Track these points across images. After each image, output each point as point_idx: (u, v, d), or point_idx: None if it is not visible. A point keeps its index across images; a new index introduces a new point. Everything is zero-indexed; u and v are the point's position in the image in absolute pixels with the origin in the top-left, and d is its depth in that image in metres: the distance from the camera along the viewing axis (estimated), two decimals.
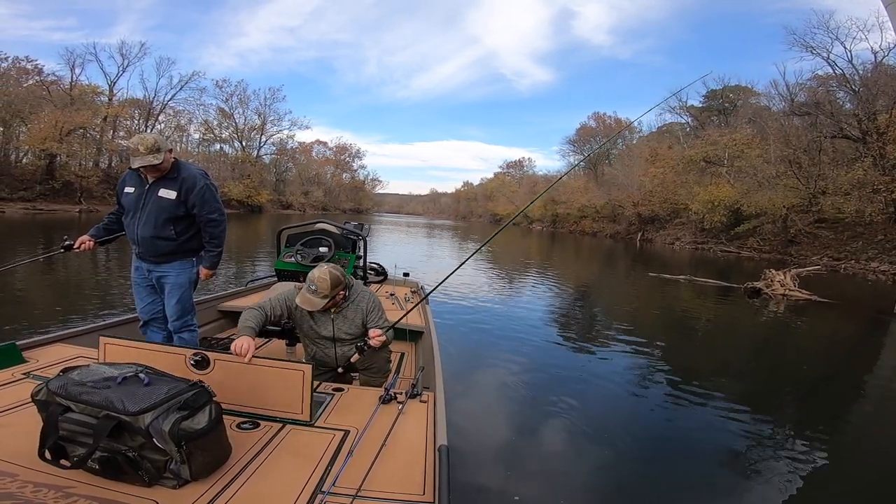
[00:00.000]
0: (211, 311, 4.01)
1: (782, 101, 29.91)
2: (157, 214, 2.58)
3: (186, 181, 2.58)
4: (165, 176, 2.58)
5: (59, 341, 2.51)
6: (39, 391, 1.42)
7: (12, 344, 2.17)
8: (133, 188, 2.63)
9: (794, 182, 25.17)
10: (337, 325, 2.44)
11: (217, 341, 3.55)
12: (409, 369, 3.39)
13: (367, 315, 2.47)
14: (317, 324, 2.46)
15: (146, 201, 2.59)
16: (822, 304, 10.01)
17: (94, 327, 2.82)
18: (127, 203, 2.67)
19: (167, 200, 2.57)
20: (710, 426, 3.85)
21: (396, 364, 3.45)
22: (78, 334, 2.66)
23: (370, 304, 2.49)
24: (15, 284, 7.62)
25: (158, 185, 2.58)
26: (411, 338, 3.70)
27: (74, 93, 37.97)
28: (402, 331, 3.71)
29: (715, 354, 6.52)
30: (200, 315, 3.82)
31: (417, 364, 3.35)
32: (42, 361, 2.19)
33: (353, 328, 2.46)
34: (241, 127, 52.65)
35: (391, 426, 1.77)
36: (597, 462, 3.19)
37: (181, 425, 1.36)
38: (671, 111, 42.34)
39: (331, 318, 2.44)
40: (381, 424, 1.79)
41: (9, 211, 26.42)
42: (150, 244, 2.63)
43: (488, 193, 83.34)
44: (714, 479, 3.07)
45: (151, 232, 2.60)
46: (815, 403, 4.70)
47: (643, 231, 37.13)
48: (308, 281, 2.32)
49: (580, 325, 7.96)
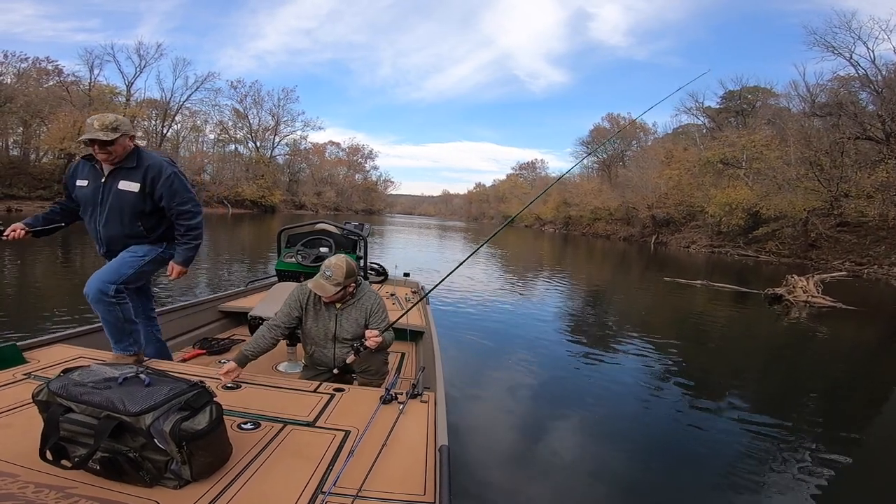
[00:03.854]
0: (212, 311, 4.02)
1: (802, 103, 29.38)
2: (121, 211, 2.31)
3: (150, 170, 2.30)
4: (123, 165, 2.29)
5: (59, 342, 2.51)
6: (40, 392, 1.41)
7: (13, 345, 2.17)
8: (86, 181, 2.35)
9: (814, 184, 24.61)
10: (340, 322, 2.44)
11: (217, 342, 3.55)
12: (410, 369, 3.39)
13: (370, 316, 2.47)
14: (319, 321, 2.46)
15: (104, 196, 2.31)
16: (846, 310, 9.69)
17: (94, 328, 2.82)
18: (82, 198, 2.38)
19: (129, 194, 2.29)
20: (725, 433, 3.74)
21: (397, 364, 3.47)
22: (79, 335, 2.67)
23: (374, 306, 2.49)
24: (24, 285, 7.73)
25: (117, 178, 2.29)
26: (412, 338, 3.72)
27: (93, 93, 38.89)
28: (402, 331, 3.71)
29: (733, 362, 6.32)
30: (201, 315, 3.84)
31: (418, 364, 3.35)
32: (43, 362, 2.19)
33: (355, 328, 2.45)
34: (256, 128, 53.45)
35: (392, 426, 1.78)
36: (600, 464, 3.15)
37: (182, 426, 1.35)
38: (687, 112, 41.90)
39: (335, 315, 2.45)
40: (382, 424, 1.79)
41: (27, 209, 27.04)
42: (118, 243, 2.39)
43: (500, 195, 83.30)
44: (727, 486, 2.97)
45: (118, 230, 2.35)
46: (838, 412, 4.54)
47: (658, 234, 36.62)
48: (324, 267, 2.36)
49: (588, 327, 7.84)
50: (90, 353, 2.37)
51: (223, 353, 3.40)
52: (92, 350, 2.45)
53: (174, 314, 3.56)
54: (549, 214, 57.64)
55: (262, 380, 2.25)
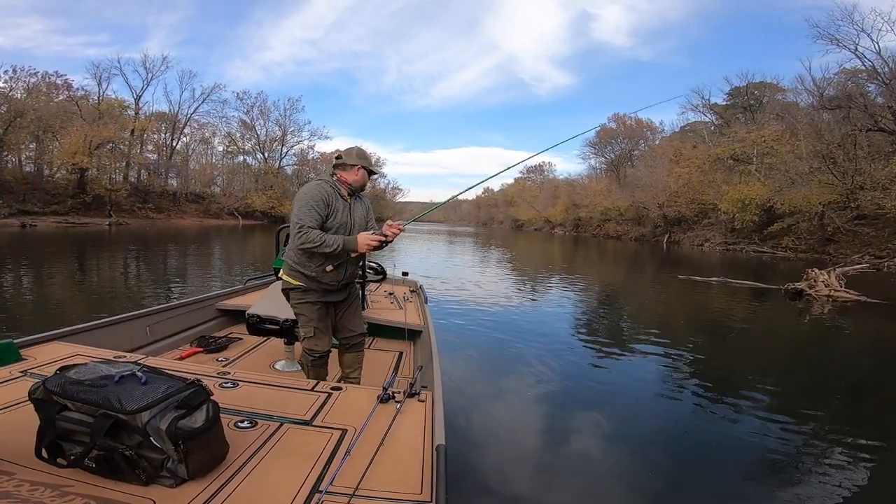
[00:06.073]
0: (209, 309, 4.03)
1: (810, 96, 28.87)
2: None
3: None
4: None
5: (56, 339, 2.52)
6: (36, 389, 1.41)
7: (9, 342, 2.18)
8: None
9: (829, 178, 24.19)
10: (353, 213, 2.61)
11: (215, 340, 3.54)
12: (408, 368, 3.38)
13: (368, 212, 2.75)
14: (338, 216, 2.53)
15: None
16: (870, 304, 9.42)
17: (91, 325, 2.83)
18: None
19: None
20: (747, 433, 3.59)
21: (395, 363, 3.46)
22: (75, 332, 2.67)
23: (370, 205, 2.82)
24: (21, 284, 7.83)
25: None
26: (410, 337, 3.70)
27: (102, 107, 39.54)
28: (400, 330, 3.67)
29: (754, 360, 6.09)
30: (198, 313, 3.86)
31: (416, 363, 3.34)
32: (39, 359, 2.19)
33: (363, 219, 2.66)
34: (263, 138, 53.88)
35: (389, 425, 1.76)
36: (605, 463, 3.09)
37: (178, 424, 1.34)
38: (694, 109, 41.54)
39: (348, 207, 2.60)
40: (379, 423, 1.78)
41: (41, 225, 27.55)
42: None
43: (509, 199, 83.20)
44: (745, 488, 2.87)
45: None
46: (867, 411, 4.38)
47: (670, 233, 36.26)
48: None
49: (596, 325, 7.71)
50: (87, 350, 2.38)
51: (220, 351, 3.39)
52: (88, 348, 2.45)
53: (172, 312, 3.56)
54: (558, 217, 57.46)
55: (258, 378, 2.24)
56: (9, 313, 6.13)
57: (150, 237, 23.60)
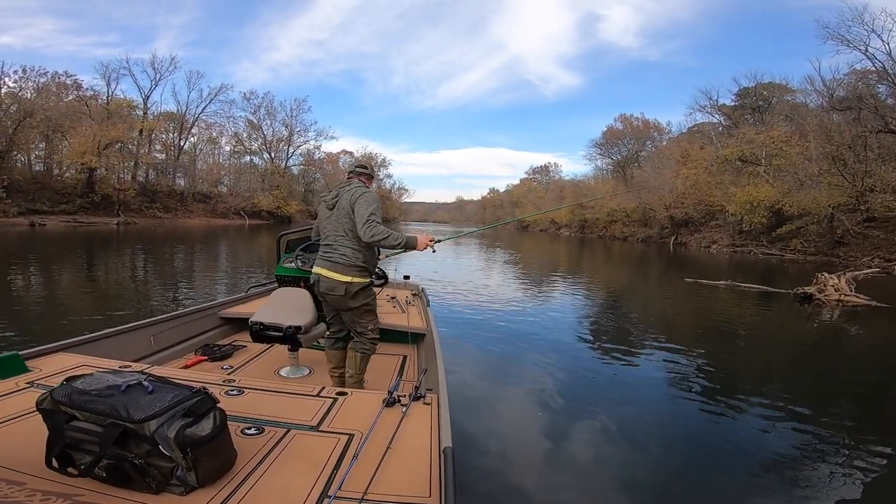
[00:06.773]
0: (212, 317, 4.03)
1: (820, 97, 28.57)
2: None
3: None
4: None
5: (61, 350, 2.52)
6: (44, 400, 1.42)
7: (15, 354, 2.18)
8: None
9: (838, 180, 23.89)
10: None
11: (219, 348, 3.55)
12: (412, 372, 3.38)
13: None
14: None
15: None
16: (881, 309, 9.27)
17: (96, 336, 2.85)
18: None
19: None
20: (754, 438, 3.57)
21: (399, 367, 3.47)
22: (80, 343, 2.68)
23: None
24: (26, 295, 7.89)
25: None
26: (413, 340, 3.71)
27: (111, 107, 39.79)
28: (403, 333, 3.69)
29: (762, 365, 6.03)
30: (202, 322, 3.87)
31: (420, 366, 3.35)
32: (45, 370, 2.20)
33: None
34: (270, 138, 54.05)
35: (395, 429, 1.78)
36: (613, 467, 3.07)
37: (186, 432, 1.35)
38: (702, 110, 41.24)
39: None
40: (385, 427, 1.79)
41: (50, 224, 27.79)
42: None
43: (514, 200, 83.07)
44: (751, 491, 2.85)
45: None
46: (871, 416, 4.33)
47: (677, 235, 35.99)
48: None
49: (602, 328, 7.68)
50: (92, 360, 2.39)
51: (225, 358, 3.40)
52: (94, 358, 2.47)
53: (175, 321, 3.57)
54: (564, 218, 57.19)
55: (264, 385, 2.25)
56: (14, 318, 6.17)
57: (157, 237, 23.77)
